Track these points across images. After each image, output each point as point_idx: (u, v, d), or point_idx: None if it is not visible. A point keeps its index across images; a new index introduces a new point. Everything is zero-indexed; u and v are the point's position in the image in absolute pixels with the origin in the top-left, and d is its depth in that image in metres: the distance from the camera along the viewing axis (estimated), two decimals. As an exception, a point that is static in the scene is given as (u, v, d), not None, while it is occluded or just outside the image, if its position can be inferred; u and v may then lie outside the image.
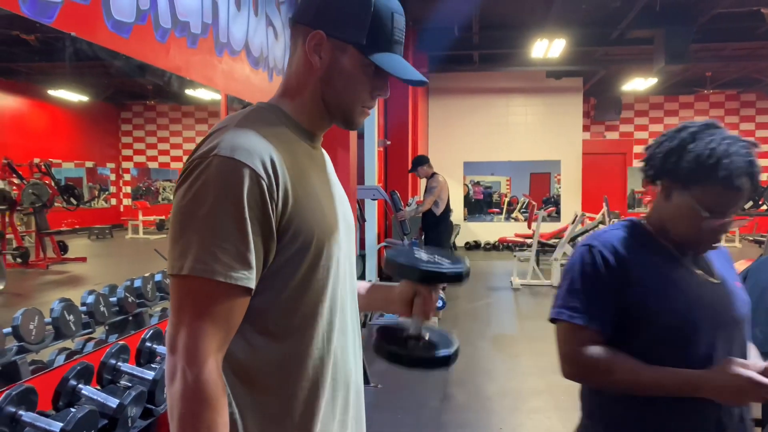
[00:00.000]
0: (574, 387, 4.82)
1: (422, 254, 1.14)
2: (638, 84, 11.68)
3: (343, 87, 1.01)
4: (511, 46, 9.92)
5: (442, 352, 1.10)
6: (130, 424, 1.68)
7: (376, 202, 7.65)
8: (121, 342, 2.04)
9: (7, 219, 5.63)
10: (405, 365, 1.13)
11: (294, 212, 0.94)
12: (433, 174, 6.33)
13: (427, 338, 1.13)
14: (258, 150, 0.91)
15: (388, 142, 8.92)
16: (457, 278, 1.11)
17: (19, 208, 5.82)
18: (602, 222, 11.59)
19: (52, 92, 4.42)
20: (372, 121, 8.16)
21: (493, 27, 9.55)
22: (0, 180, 5.78)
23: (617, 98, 13.65)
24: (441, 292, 4.86)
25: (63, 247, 6.08)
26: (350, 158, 5.09)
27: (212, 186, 0.88)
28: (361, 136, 8.12)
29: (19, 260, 5.70)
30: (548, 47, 8.97)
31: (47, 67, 2.86)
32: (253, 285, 0.90)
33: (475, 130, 13.05)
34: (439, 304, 4.74)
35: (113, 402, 1.63)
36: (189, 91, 3.36)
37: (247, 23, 3.84)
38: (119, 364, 1.90)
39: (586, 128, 14.06)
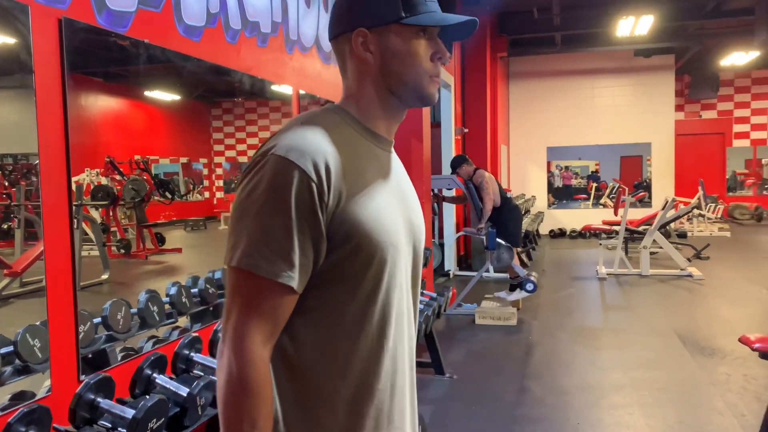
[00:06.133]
0: (660, 382, 4.59)
1: None
2: (738, 58, 10.87)
3: (403, 66, 1.02)
4: (594, 25, 9.51)
5: None
6: (200, 413, 1.77)
7: (455, 192, 7.59)
8: (194, 334, 2.14)
9: (110, 213, 6.07)
10: None
11: (347, 214, 0.95)
12: (476, 170, 6.12)
13: None
14: (312, 151, 0.93)
15: (466, 130, 8.80)
16: None
17: (121, 202, 6.26)
18: (697, 207, 10.96)
19: (148, 93, 4.69)
20: (449, 109, 8.08)
21: (574, 7, 9.18)
22: (103, 177, 6.24)
23: (714, 75, 12.78)
24: (533, 276, 4.76)
25: (160, 239, 6.48)
26: (424, 148, 5.07)
27: (265, 184, 0.92)
28: (437, 125, 8.07)
29: (122, 251, 6.13)
30: (635, 24, 8.52)
31: (142, 70, 3.01)
32: (295, 284, 0.93)
33: (559, 114, 12.63)
34: (530, 287, 4.66)
35: (184, 391, 1.73)
36: (275, 87, 3.47)
37: (318, 19, 3.90)
38: (192, 354, 2.00)
39: (680, 108, 13.29)
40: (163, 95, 4.35)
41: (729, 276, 7.63)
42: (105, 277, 4.97)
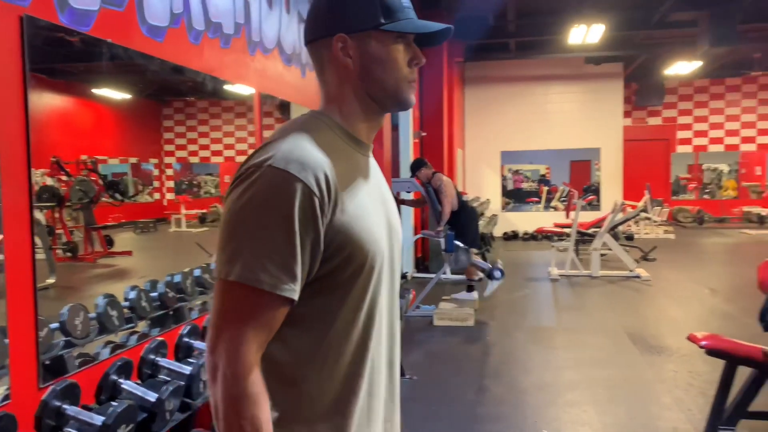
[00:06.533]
0: (612, 380, 4.73)
1: None
2: (682, 68, 11.34)
3: (383, 71, 1.03)
4: (548, 32, 9.75)
5: None
6: (168, 417, 1.75)
7: (413, 194, 7.65)
8: (159, 338, 2.11)
9: (56, 215, 5.87)
10: None
11: (342, 226, 0.96)
12: (434, 173, 6.23)
13: None
14: (312, 164, 0.93)
15: (424, 134, 8.89)
16: None
17: (67, 204, 6.06)
18: (644, 210, 11.35)
19: (96, 91, 4.53)
20: (407, 113, 8.15)
21: (528, 14, 9.40)
22: (49, 177, 6.02)
23: (660, 83, 13.27)
24: (499, 263, 4.82)
25: (109, 241, 6.29)
26: (384, 151, 5.11)
27: (265, 197, 0.91)
28: (396, 128, 8.13)
29: (68, 254, 5.93)
30: (586, 33, 8.79)
31: (91, 67, 2.94)
32: (296, 296, 0.93)
33: (513, 119, 12.89)
34: (498, 274, 4.75)
35: (152, 396, 1.70)
36: (228, 87, 3.42)
37: (279, 21, 3.89)
38: (158, 359, 1.98)
39: (627, 114, 13.74)
40: (113, 93, 4.22)
41: (674, 277, 7.95)
42: (51, 281, 4.79)
